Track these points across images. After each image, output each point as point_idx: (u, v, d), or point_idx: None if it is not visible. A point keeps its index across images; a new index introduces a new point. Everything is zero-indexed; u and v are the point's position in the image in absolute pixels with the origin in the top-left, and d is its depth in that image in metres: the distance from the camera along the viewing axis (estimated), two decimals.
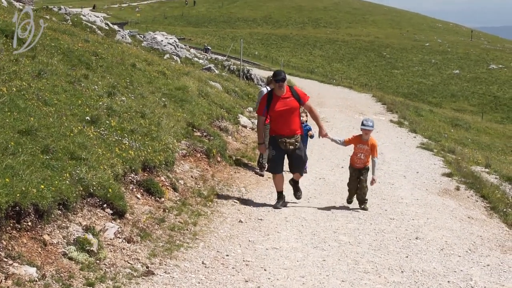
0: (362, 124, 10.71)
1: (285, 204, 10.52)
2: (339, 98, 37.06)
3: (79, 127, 9.02)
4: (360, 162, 10.84)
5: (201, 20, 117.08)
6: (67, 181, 7.03)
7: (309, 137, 13.04)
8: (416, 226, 9.69)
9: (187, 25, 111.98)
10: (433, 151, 18.19)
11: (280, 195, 10.59)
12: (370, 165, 10.84)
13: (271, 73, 14.81)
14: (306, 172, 12.61)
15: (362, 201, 10.77)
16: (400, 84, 78.47)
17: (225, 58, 49.47)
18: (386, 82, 79.42)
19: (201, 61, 36.44)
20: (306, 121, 12.82)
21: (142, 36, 38.70)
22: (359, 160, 10.83)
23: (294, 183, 10.83)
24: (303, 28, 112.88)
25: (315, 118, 10.86)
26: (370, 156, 10.83)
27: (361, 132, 10.81)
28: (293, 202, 10.69)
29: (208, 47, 70.50)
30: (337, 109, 30.01)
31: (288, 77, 41.94)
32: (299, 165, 10.73)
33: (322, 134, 10.78)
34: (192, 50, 44.12)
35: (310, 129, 13.01)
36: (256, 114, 11.85)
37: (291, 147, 10.37)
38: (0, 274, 5.35)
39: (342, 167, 14.50)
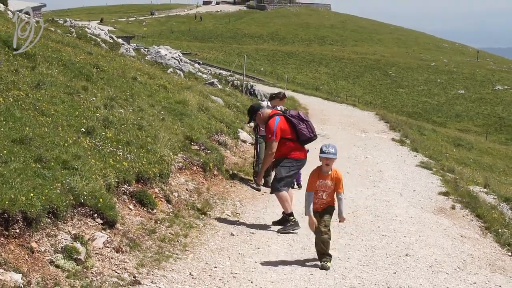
0: (321, 152, 8.09)
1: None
2: (342, 116, 37.08)
3: (74, 138, 9.11)
4: (321, 203, 8.28)
5: (207, 36, 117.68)
6: (57, 190, 7.10)
7: None
8: (407, 243, 9.73)
9: (193, 40, 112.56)
10: (432, 170, 18.18)
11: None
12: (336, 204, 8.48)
13: (275, 89, 15.02)
14: (301, 187, 12.58)
15: (322, 254, 8.18)
16: (405, 103, 78.50)
17: (229, 73, 49.64)
18: (391, 101, 79.49)
19: (204, 76, 36.64)
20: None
21: (147, 50, 38.99)
22: (320, 200, 8.27)
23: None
24: (309, 45, 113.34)
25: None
26: (335, 194, 8.35)
27: (320, 163, 8.26)
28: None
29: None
30: (340, 126, 30.04)
31: (292, 94, 42.21)
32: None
33: None
34: (196, 65, 44.35)
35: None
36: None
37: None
38: None
39: None
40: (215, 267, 7.60)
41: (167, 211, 9.47)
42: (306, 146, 12.72)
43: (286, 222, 10.00)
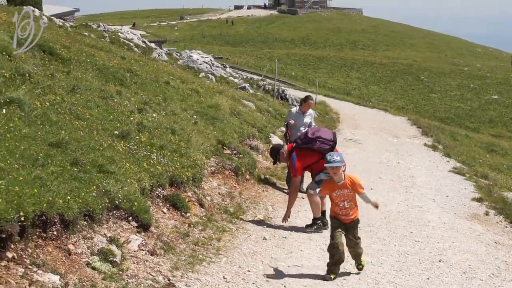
0: (327, 162, 7.82)
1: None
2: (373, 121, 36.90)
3: (108, 141, 9.24)
4: (346, 213, 8.00)
5: (238, 40, 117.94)
6: (93, 193, 7.21)
7: None
8: (440, 249, 9.67)
9: (225, 44, 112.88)
10: (465, 176, 18.02)
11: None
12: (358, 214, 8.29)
13: (306, 94, 15.12)
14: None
15: (358, 256, 8.26)
16: (437, 108, 77.75)
17: (260, 77, 49.73)
18: (423, 106, 78.79)
19: (236, 80, 36.74)
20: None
21: (179, 54, 39.24)
22: (344, 210, 7.99)
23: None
24: (340, 50, 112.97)
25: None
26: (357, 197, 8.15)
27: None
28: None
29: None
30: (371, 131, 29.92)
31: (323, 98, 41.94)
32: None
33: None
34: (227, 69, 44.49)
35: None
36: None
37: None
38: (24, 280, 5.52)
39: (372, 189, 14.48)
40: (248, 271, 7.65)
41: (200, 215, 9.54)
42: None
43: (313, 225, 10.23)
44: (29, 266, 5.73)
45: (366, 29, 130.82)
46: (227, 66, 51.72)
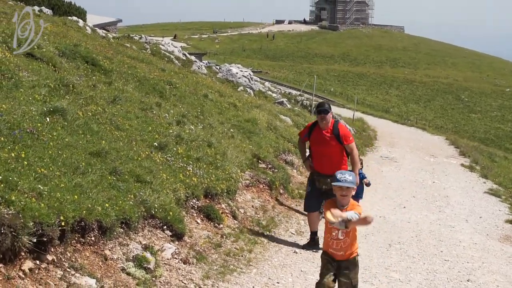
0: (336, 180, 6.27)
1: (316, 249, 9.63)
2: (411, 139, 36.77)
3: (146, 152, 9.53)
4: (338, 247, 6.40)
5: (278, 54, 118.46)
6: (130, 202, 7.49)
7: (365, 185, 12.48)
8: (469, 269, 9.74)
9: (264, 58, 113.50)
10: (500, 198, 17.94)
11: (313, 236, 9.98)
12: (355, 254, 6.57)
13: (344, 110, 15.16)
14: None
15: None
16: (477, 129, 76.99)
17: (299, 92, 49.92)
18: (463, 126, 78.10)
19: (274, 95, 37.02)
20: (361, 168, 12.20)
21: (218, 67, 39.71)
22: (335, 242, 6.40)
23: None
24: (380, 67, 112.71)
25: (353, 163, 9.95)
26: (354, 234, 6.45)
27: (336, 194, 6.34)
28: None
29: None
30: (408, 149, 29.87)
31: (361, 115, 41.69)
32: None
33: None
34: (266, 84, 44.80)
35: (364, 177, 12.34)
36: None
37: (324, 187, 9.75)
38: (62, 282, 5.80)
39: (404, 207, 14.58)
40: (278, 283, 7.83)
41: (233, 227, 9.76)
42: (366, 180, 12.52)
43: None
44: (68, 269, 6.00)
45: (407, 47, 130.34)
46: (265, 80, 52.09)
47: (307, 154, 10.46)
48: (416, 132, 44.78)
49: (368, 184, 12.66)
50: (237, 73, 35.07)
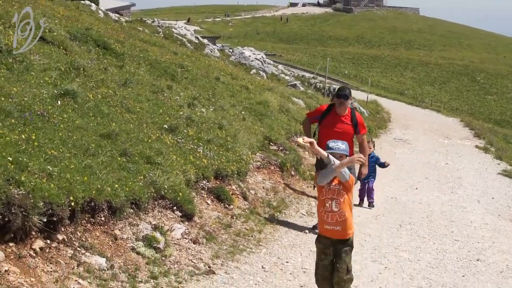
0: (328, 148, 6.05)
1: None
2: (425, 121, 36.63)
3: (157, 134, 9.60)
4: (334, 220, 5.99)
5: (292, 37, 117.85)
6: (140, 183, 7.57)
7: (385, 165, 12.83)
8: (480, 248, 9.75)
9: (278, 41, 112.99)
10: None
11: None
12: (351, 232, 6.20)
13: (358, 92, 15.11)
14: (373, 206, 12.26)
15: None
16: (492, 110, 76.42)
17: (312, 75, 49.83)
18: (478, 108, 77.56)
19: (287, 77, 36.97)
20: (373, 151, 12.71)
21: (231, 50, 39.67)
22: (331, 215, 5.99)
23: None
24: (395, 49, 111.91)
25: (362, 153, 9.79)
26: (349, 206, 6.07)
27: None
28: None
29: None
30: (422, 131, 29.78)
31: (375, 97, 41.45)
32: None
33: (361, 172, 9.87)
34: (279, 66, 44.71)
35: (378, 159, 12.74)
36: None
37: None
38: (73, 261, 5.90)
39: (416, 188, 14.58)
40: (287, 262, 7.90)
41: (243, 207, 9.82)
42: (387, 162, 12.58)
43: None
44: (78, 248, 6.11)
45: (422, 29, 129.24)
46: (279, 63, 51.99)
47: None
48: (431, 114, 44.59)
49: (384, 165, 12.81)
50: (249, 56, 35.05)
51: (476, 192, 15.00)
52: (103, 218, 6.74)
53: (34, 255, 5.58)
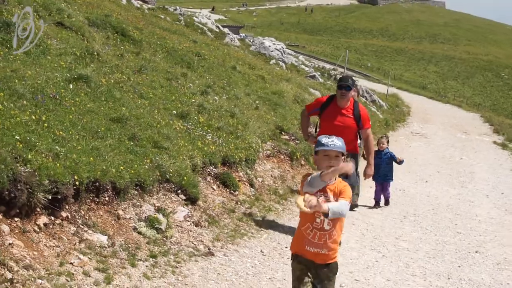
0: (320, 144, 4.76)
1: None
2: (445, 116, 36.61)
3: (167, 120, 9.83)
4: (322, 241, 4.77)
5: (316, 28, 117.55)
6: (146, 166, 7.81)
7: (398, 163, 12.27)
8: (480, 241, 9.90)
9: (302, 32, 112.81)
10: None
11: None
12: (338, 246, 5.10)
13: (379, 85, 15.07)
14: (389, 204, 12.07)
15: None
16: None
17: (333, 67, 49.82)
18: (502, 104, 77.06)
19: (307, 68, 37.09)
20: (387, 147, 12.30)
21: (252, 40, 39.83)
22: (320, 235, 4.76)
23: None
24: (419, 42, 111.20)
25: (367, 151, 9.15)
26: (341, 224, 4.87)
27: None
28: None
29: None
30: (441, 126, 29.82)
31: (396, 91, 41.31)
32: None
33: (366, 173, 9.10)
34: (300, 57, 44.82)
35: (392, 155, 12.23)
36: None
37: None
38: (75, 238, 6.16)
39: (426, 182, 14.74)
40: (286, 247, 8.09)
41: (249, 194, 10.04)
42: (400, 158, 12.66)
43: None
44: (81, 226, 6.37)
45: (448, 23, 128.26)
46: (300, 53, 52.02)
47: (313, 130, 9.90)
48: (451, 109, 44.50)
49: (401, 162, 12.33)
50: (269, 46, 35.19)
51: (486, 187, 15.10)
52: (107, 198, 6.99)
53: (38, 230, 5.85)
